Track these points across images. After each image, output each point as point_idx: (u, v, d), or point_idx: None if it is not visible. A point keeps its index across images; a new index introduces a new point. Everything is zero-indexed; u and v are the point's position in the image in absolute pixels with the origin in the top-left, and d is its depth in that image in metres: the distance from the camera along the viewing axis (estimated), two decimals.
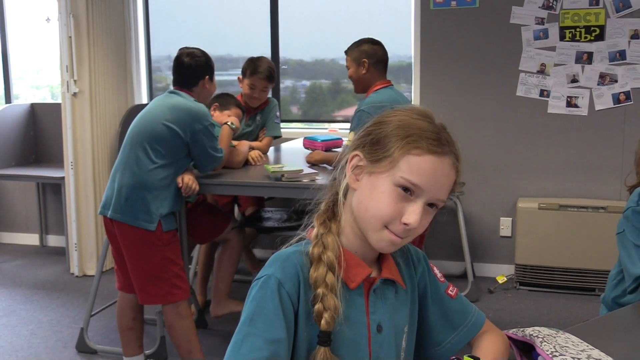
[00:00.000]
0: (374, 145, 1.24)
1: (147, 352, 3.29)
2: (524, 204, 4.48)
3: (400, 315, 1.34)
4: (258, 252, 5.20)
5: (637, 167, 2.05)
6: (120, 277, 3.15)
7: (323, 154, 3.71)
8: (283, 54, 5.36)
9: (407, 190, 1.20)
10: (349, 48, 3.61)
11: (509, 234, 4.73)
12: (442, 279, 1.42)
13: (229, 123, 3.44)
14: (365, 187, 1.24)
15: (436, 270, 1.43)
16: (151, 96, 5.59)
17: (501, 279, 4.56)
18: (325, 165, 3.57)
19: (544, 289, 4.46)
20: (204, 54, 3.26)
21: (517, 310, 4.14)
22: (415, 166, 1.19)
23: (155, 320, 3.47)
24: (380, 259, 1.33)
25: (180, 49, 3.25)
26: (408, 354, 1.37)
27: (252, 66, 3.98)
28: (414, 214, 1.20)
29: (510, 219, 4.71)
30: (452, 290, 1.42)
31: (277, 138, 4.31)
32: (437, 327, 1.39)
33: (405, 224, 1.20)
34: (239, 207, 4.49)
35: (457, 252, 4.58)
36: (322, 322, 1.19)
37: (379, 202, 1.21)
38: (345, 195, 1.30)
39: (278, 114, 4.28)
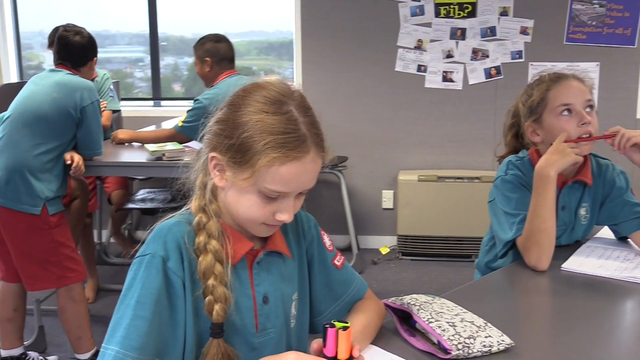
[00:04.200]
0: (233, 152, 1.18)
1: (25, 343, 3.16)
2: (405, 176, 4.62)
3: (287, 283, 1.35)
4: (142, 235, 5.08)
5: (506, 138, 2.16)
6: (1, 266, 2.99)
7: (130, 132, 3.69)
8: (163, 30, 5.22)
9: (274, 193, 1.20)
10: (195, 44, 3.64)
11: (391, 206, 4.87)
12: (331, 248, 1.44)
13: None
14: (232, 191, 1.22)
15: (326, 239, 1.45)
16: (21, 74, 5.29)
17: (384, 250, 4.71)
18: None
19: (425, 258, 4.63)
20: (91, 35, 3.19)
21: (400, 280, 4.28)
22: (278, 177, 1.17)
23: (33, 310, 3.32)
24: None
25: (65, 27, 3.14)
26: (300, 320, 1.39)
27: None
28: (286, 212, 1.22)
29: (392, 191, 4.84)
30: (338, 260, 1.44)
31: (116, 112, 4.24)
32: (320, 296, 1.42)
33: (280, 220, 1.22)
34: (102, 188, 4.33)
35: (341, 225, 4.66)
36: (214, 314, 1.19)
37: (249, 209, 1.21)
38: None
39: (112, 87, 4.16)
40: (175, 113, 4.84)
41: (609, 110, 4.53)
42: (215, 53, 3.57)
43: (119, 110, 4.21)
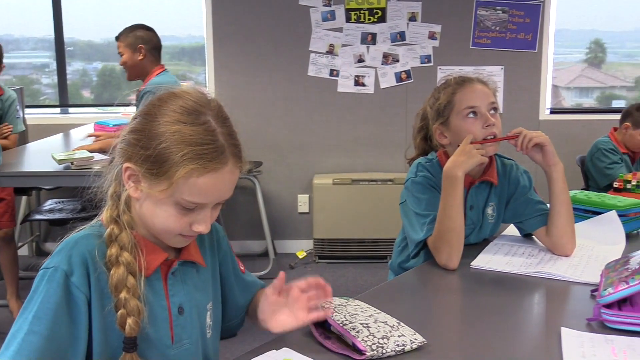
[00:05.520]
0: (149, 164, 1.16)
1: None
2: (319, 180, 4.65)
3: (202, 293, 1.35)
4: (51, 247, 4.91)
5: (415, 140, 2.21)
6: None
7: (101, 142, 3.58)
8: (69, 34, 5.06)
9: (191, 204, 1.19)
10: (121, 34, 3.53)
11: (307, 210, 4.89)
12: (235, 256, 1.49)
13: None
14: (148, 202, 1.20)
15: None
16: None
17: (301, 254, 4.72)
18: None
19: (341, 261, 4.67)
20: None
21: None
22: (196, 188, 1.15)
23: None
24: None
25: None
26: (215, 329, 1.40)
27: None
28: (203, 223, 1.21)
29: (307, 195, 4.87)
30: (241, 264, 1.50)
31: (22, 132, 4.10)
32: (237, 302, 1.47)
33: (197, 232, 1.22)
34: None
35: (257, 230, 4.65)
36: (127, 327, 1.16)
37: (165, 220, 1.19)
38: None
39: (18, 107, 4.00)
40: (84, 120, 4.72)
41: (513, 112, 4.71)
42: (149, 41, 3.49)
43: (24, 130, 4.05)
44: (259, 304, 1.42)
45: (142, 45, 3.45)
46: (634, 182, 3.59)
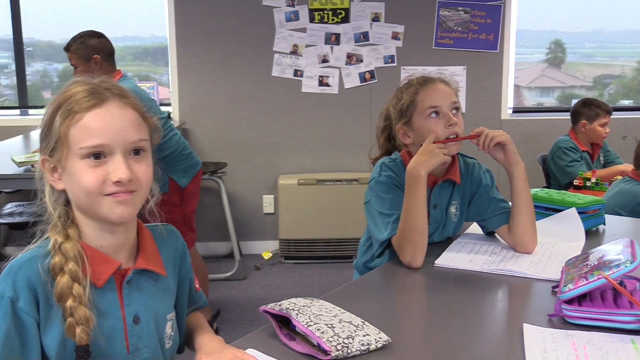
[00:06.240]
0: (46, 140, 1.20)
1: None
2: (285, 180, 4.64)
3: (162, 302, 1.33)
4: (12, 250, 4.82)
5: (378, 140, 2.22)
6: None
7: None
8: (28, 34, 4.97)
9: (97, 156, 1.17)
10: (70, 44, 3.34)
11: (272, 211, 4.88)
12: None
13: None
14: (67, 181, 1.20)
15: None
16: None
17: (267, 255, 4.71)
18: None
19: (307, 261, 4.67)
20: None
21: (283, 284, 4.29)
22: (84, 131, 1.16)
23: None
24: (139, 247, 1.30)
25: None
26: (175, 340, 1.38)
27: None
28: (118, 170, 1.17)
29: (273, 196, 4.86)
30: (197, 283, 1.51)
31: None
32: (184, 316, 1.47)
33: (117, 181, 1.17)
34: None
35: (222, 232, 4.62)
36: (76, 336, 1.15)
37: (81, 181, 1.17)
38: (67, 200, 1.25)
39: None
40: None
41: (476, 111, 4.76)
42: (103, 49, 3.30)
43: None
44: (194, 334, 1.43)
45: (97, 55, 3.28)
46: (593, 180, 3.67)
